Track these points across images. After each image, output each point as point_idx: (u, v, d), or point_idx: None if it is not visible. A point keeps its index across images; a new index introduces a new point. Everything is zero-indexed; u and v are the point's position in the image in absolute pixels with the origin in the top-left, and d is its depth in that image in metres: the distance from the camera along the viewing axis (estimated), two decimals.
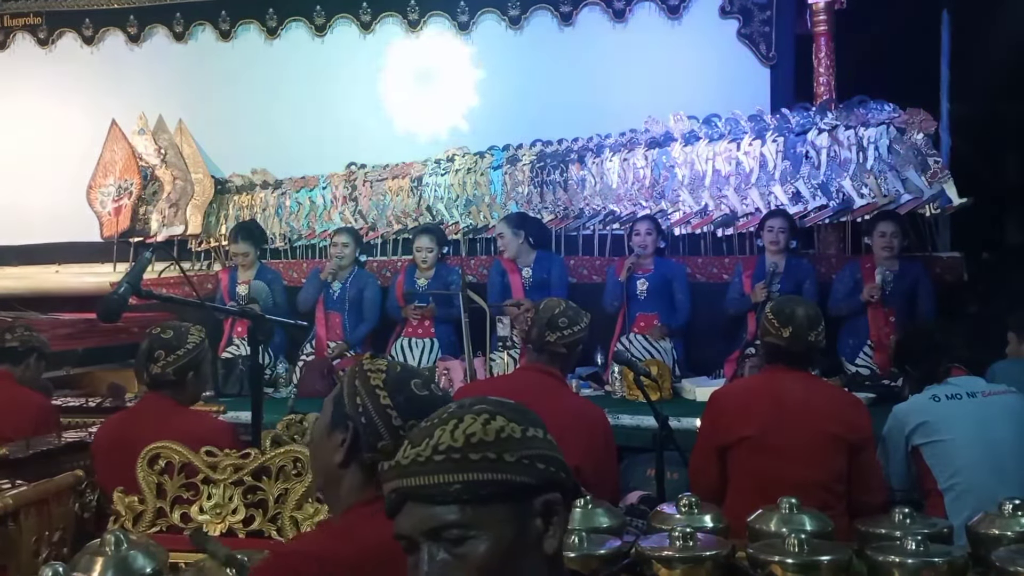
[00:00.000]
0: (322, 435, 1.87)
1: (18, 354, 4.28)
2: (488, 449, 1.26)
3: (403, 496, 1.28)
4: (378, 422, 1.80)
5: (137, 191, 7.33)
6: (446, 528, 1.26)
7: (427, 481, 1.26)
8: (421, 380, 1.87)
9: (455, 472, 1.25)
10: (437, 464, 1.26)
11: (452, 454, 1.26)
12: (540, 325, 3.39)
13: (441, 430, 1.28)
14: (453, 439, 1.26)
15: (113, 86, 7.65)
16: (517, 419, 1.30)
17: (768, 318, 3.30)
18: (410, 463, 1.28)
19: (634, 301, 5.91)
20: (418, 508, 1.27)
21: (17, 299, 6.87)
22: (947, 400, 3.50)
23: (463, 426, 1.27)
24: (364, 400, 1.81)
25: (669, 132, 6.65)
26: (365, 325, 6.17)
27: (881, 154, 6.20)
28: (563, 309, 3.41)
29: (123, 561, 2.10)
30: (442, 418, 1.30)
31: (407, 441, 1.31)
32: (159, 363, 3.24)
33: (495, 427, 1.27)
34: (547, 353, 3.40)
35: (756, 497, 2.79)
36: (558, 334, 3.36)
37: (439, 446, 1.26)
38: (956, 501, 3.35)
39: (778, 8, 6.67)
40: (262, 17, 7.48)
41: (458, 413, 1.30)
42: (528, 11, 7.06)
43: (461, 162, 6.99)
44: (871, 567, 2.35)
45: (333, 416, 1.85)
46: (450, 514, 1.26)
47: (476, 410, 1.30)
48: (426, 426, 1.31)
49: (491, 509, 1.26)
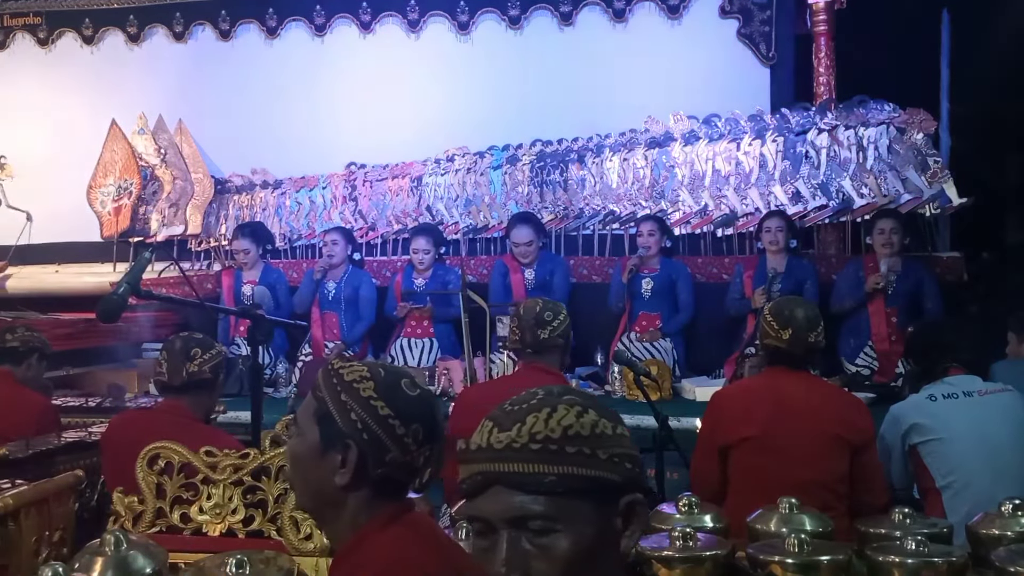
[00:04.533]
0: (311, 457, 1.73)
1: (19, 354, 4.27)
2: (584, 444, 1.24)
3: (491, 480, 1.26)
4: (382, 436, 1.70)
5: (137, 191, 7.33)
6: (533, 518, 1.24)
7: (522, 469, 1.23)
8: (408, 379, 1.77)
9: (551, 463, 1.23)
10: (533, 453, 1.23)
11: (549, 444, 1.23)
12: (529, 327, 3.43)
13: (534, 417, 1.25)
14: (549, 429, 1.24)
15: (113, 86, 7.65)
16: (607, 415, 1.29)
17: (767, 320, 3.30)
18: (504, 447, 1.24)
19: (638, 300, 5.91)
20: (506, 494, 1.25)
21: (17, 299, 6.87)
22: (943, 399, 3.51)
23: (557, 416, 1.25)
24: (361, 415, 1.70)
25: (669, 132, 6.65)
26: (362, 324, 6.18)
27: (881, 154, 6.20)
28: (542, 305, 3.50)
29: (123, 561, 2.10)
30: (531, 404, 1.27)
31: (491, 423, 1.28)
32: (196, 361, 3.27)
33: (589, 421, 1.26)
34: (545, 350, 3.43)
35: (757, 497, 2.80)
36: (549, 328, 3.43)
37: (536, 434, 1.24)
38: (953, 499, 3.36)
39: (778, 8, 6.67)
40: (262, 17, 7.48)
41: (549, 401, 1.27)
42: (528, 11, 7.06)
43: (461, 162, 6.99)
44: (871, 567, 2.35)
45: (324, 436, 1.72)
46: (539, 505, 1.23)
47: (567, 401, 1.27)
48: (513, 409, 1.28)
49: (578, 504, 1.24)
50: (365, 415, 1.70)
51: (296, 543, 2.50)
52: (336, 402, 1.72)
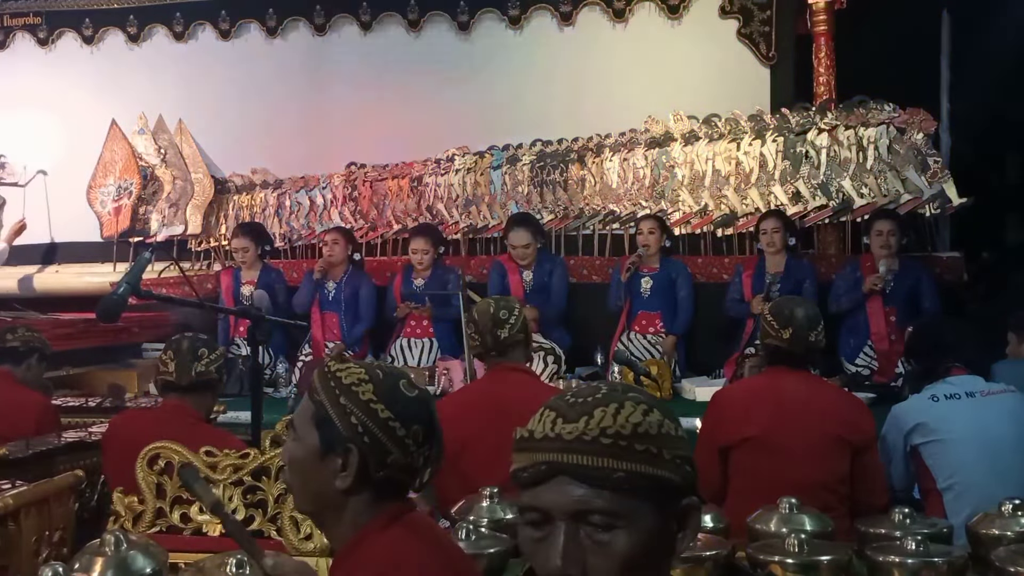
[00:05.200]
0: (311, 461, 1.72)
1: (19, 354, 4.27)
2: (651, 442, 1.23)
3: (556, 470, 1.23)
4: (383, 439, 1.69)
5: (137, 191, 7.33)
6: (596, 513, 1.22)
7: (591, 462, 1.21)
8: (406, 379, 1.77)
9: (621, 460, 1.21)
10: (604, 447, 1.21)
11: (619, 440, 1.22)
12: (488, 329, 3.36)
13: (602, 411, 1.23)
14: (619, 425, 1.22)
15: (113, 86, 7.65)
16: (669, 416, 1.27)
17: (768, 320, 3.30)
18: (574, 439, 1.22)
19: (637, 299, 5.92)
20: (570, 486, 1.23)
21: (17, 299, 6.87)
22: (945, 400, 3.50)
23: (625, 412, 1.23)
24: (361, 418, 1.69)
25: (669, 132, 6.65)
26: (362, 324, 6.18)
27: (881, 154, 6.20)
28: (496, 304, 3.42)
29: (123, 561, 2.10)
30: (597, 398, 1.25)
31: (553, 412, 1.25)
32: (203, 360, 3.29)
33: (655, 420, 1.25)
34: (508, 349, 3.38)
35: (757, 497, 2.80)
36: (507, 326, 3.35)
37: (606, 429, 1.22)
38: (955, 500, 3.35)
39: (778, 8, 6.67)
40: (262, 17, 7.48)
41: (615, 397, 1.25)
42: (528, 11, 7.06)
43: (461, 162, 6.99)
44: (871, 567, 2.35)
45: (324, 440, 1.70)
46: (604, 500, 1.22)
47: (632, 397, 1.26)
48: (577, 402, 1.25)
49: (641, 503, 1.23)
50: (365, 418, 1.69)
51: (296, 543, 2.51)
52: (335, 405, 1.70)
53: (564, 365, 5.53)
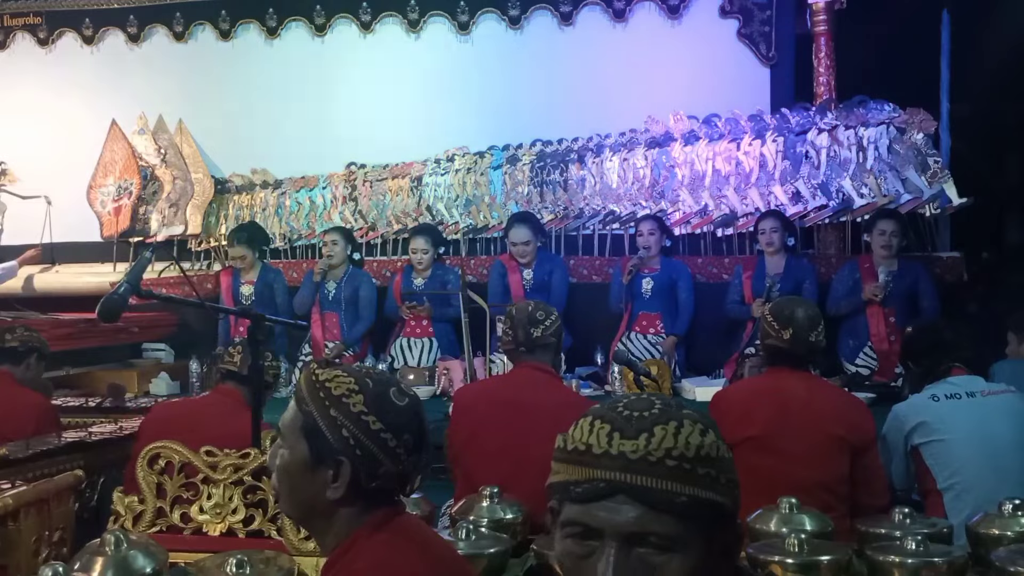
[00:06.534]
0: (300, 472, 1.70)
1: (18, 354, 4.27)
2: (711, 466, 1.20)
3: (617, 489, 1.18)
4: (375, 451, 1.67)
5: (137, 191, 7.33)
6: (653, 536, 1.18)
7: (656, 485, 1.17)
8: (395, 387, 1.74)
9: (684, 484, 1.17)
10: (669, 469, 1.17)
11: (684, 463, 1.18)
12: (522, 326, 3.43)
13: (663, 430, 1.19)
14: (683, 446, 1.18)
15: (113, 86, 7.64)
16: (720, 435, 1.24)
17: (768, 320, 3.30)
18: (639, 459, 1.17)
19: (638, 300, 5.91)
20: (628, 507, 1.18)
21: (17, 299, 6.87)
22: (946, 400, 3.50)
23: (685, 432, 1.19)
24: (353, 431, 1.67)
25: (669, 132, 6.65)
26: (362, 324, 6.17)
27: (881, 154, 6.21)
28: (534, 305, 3.53)
29: (123, 561, 2.10)
30: (654, 414, 1.20)
31: (608, 426, 1.20)
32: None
33: (711, 441, 1.21)
34: (538, 349, 3.44)
35: (758, 498, 2.79)
36: (542, 327, 3.44)
37: (671, 450, 1.18)
38: (955, 501, 3.35)
39: (778, 8, 6.68)
40: (262, 17, 7.48)
41: (672, 413, 1.21)
42: (528, 11, 7.06)
43: (461, 162, 6.99)
44: (871, 567, 2.35)
45: (313, 452, 1.68)
46: (663, 524, 1.18)
47: (688, 415, 1.22)
48: (633, 416, 1.20)
49: (696, 527, 1.19)
50: (357, 431, 1.67)
51: (296, 543, 2.51)
52: (325, 417, 1.68)
53: (564, 365, 5.53)
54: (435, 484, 3.56)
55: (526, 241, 5.99)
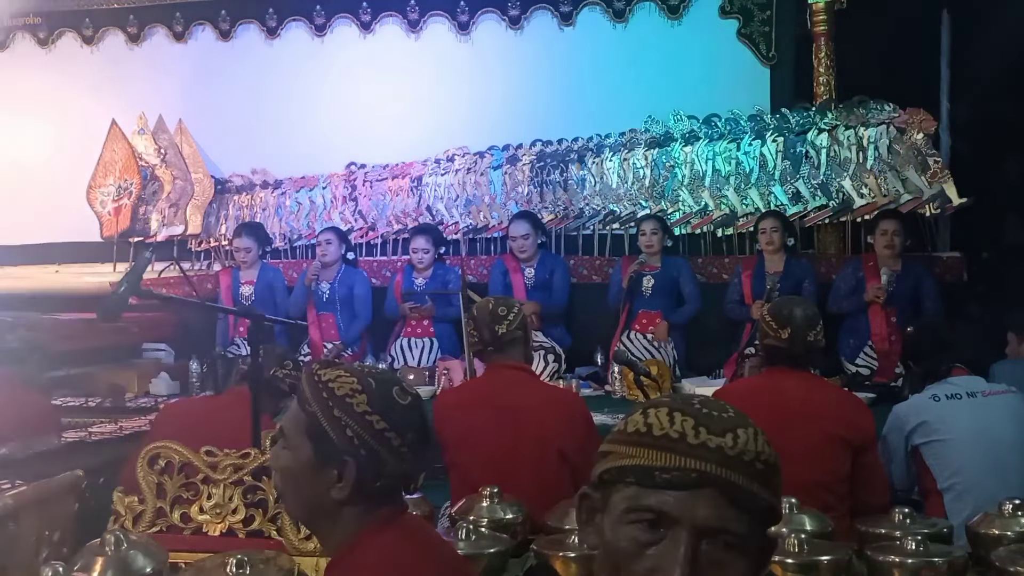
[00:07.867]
0: (305, 472, 1.70)
1: (19, 354, 4.27)
2: (777, 474, 1.23)
3: (707, 482, 1.18)
4: (380, 451, 1.67)
5: (137, 191, 7.32)
6: (730, 534, 1.19)
7: (746, 484, 1.19)
8: (398, 386, 1.73)
9: (766, 487, 1.20)
10: (758, 472, 1.20)
11: (768, 468, 1.21)
12: (486, 325, 3.38)
13: (744, 433, 1.21)
14: (767, 452, 1.21)
15: (113, 86, 7.64)
16: None
17: (766, 320, 3.30)
18: (735, 456, 1.19)
19: (639, 298, 5.91)
20: (716, 502, 1.18)
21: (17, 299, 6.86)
22: (947, 400, 3.50)
23: (762, 439, 1.22)
24: (357, 431, 1.66)
25: (669, 132, 6.65)
26: (359, 323, 6.18)
27: (881, 154, 6.21)
28: (495, 302, 3.46)
29: (123, 561, 2.10)
30: (730, 416, 1.22)
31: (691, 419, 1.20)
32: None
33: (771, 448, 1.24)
34: (507, 346, 3.39)
35: None
36: (506, 323, 3.37)
37: (760, 454, 1.20)
38: (956, 501, 3.35)
39: (778, 8, 6.68)
40: (262, 17, 7.48)
41: (743, 419, 1.23)
42: (528, 11, 7.06)
43: (461, 162, 7.00)
44: (871, 567, 2.35)
45: (318, 452, 1.68)
46: (742, 524, 1.19)
47: (751, 422, 1.24)
48: (712, 414, 1.21)
49: (761, 531, 1.22)
50: (361, 431, 1.67)
51: (296, 543, 2.50)
52: (329, 418, 1.67)
53: (564, 364, 5.54)
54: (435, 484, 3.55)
55: (525, 235, 6.00)
